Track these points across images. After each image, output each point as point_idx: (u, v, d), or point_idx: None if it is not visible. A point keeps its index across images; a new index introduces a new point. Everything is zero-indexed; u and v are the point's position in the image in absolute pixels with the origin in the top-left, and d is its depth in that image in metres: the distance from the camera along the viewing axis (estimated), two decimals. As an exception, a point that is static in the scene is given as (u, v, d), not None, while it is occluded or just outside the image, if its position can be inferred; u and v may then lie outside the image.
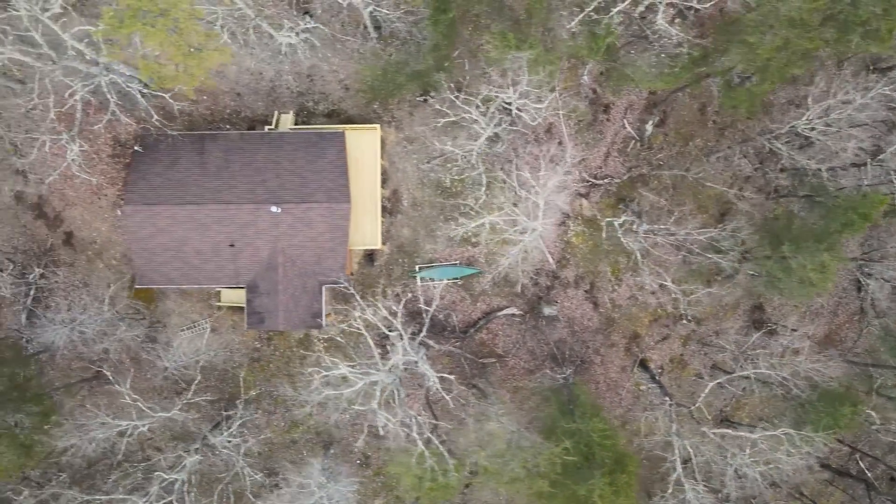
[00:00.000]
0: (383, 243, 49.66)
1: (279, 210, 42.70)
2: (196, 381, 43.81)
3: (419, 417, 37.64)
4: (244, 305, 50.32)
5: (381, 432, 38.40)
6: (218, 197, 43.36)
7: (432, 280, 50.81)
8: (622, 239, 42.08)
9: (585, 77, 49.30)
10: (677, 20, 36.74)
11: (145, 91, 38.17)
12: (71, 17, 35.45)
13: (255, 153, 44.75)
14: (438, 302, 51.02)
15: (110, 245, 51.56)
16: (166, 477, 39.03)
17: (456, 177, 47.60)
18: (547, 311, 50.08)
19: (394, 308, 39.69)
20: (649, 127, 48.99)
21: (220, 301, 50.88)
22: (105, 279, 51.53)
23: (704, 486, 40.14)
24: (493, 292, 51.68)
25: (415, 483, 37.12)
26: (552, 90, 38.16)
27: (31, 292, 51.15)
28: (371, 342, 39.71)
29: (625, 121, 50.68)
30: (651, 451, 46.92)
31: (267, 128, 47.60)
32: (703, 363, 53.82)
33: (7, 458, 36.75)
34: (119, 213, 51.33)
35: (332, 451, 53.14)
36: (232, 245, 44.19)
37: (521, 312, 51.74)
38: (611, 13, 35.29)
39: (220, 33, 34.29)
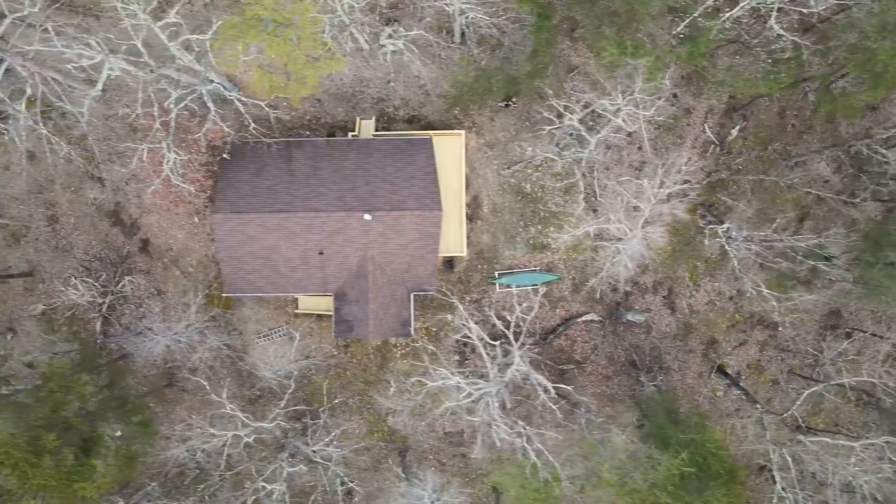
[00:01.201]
0: (464, 250, 49.37)
1: (371, 218, 42.38)
2: (290, 390, 43.42)
3: (528, 428, 37.29)
4: (322, 313, 50.45)
5: (498, 443, 38.02)
6: (307, 204, 43.06)
7: (510, 286, 50.51)
8: (727, 246, 41.64)
9: (667, 81, 48.91)
10: (783, 24, 36.29)
11: (245, 100, 37.85)
12: (180, 27, 35.09)
13: (344, 160, 44.45)
14: (515, 307, 50.96)
15: (186, 252, 51.37)
16: (268, 486, 38.72)
17: (551, 182, 47.25)
18: (633, 317, 49.72)
19: (507, 317, 39.33)
20: (735, 132, 48.64)
21: (297, 308, 50.68)
22: (181, 286, 51.44)
23: (806, 495, 39.79)
24: (572, 298, 51.36)
25: (520, 493, 36.83)
26: (658, 96, 37.76)
27: (107, 300, 50.96)
28: (484, 352, 39.33)
29: (705, 125, 50.31)
30: (738, 460, 46.56)
31: (350, 134, 47.34)
32: (780, 369, 53.44)
33: (113, 469, 36.51)
34: (196, 220, 51.29)
35: (407, 458, 52.92)
36: (321, 253, 43.91)
37: (600, 318, 51.41)
38: (722, 18, 34.90)
39: (334, 42, 33.96)
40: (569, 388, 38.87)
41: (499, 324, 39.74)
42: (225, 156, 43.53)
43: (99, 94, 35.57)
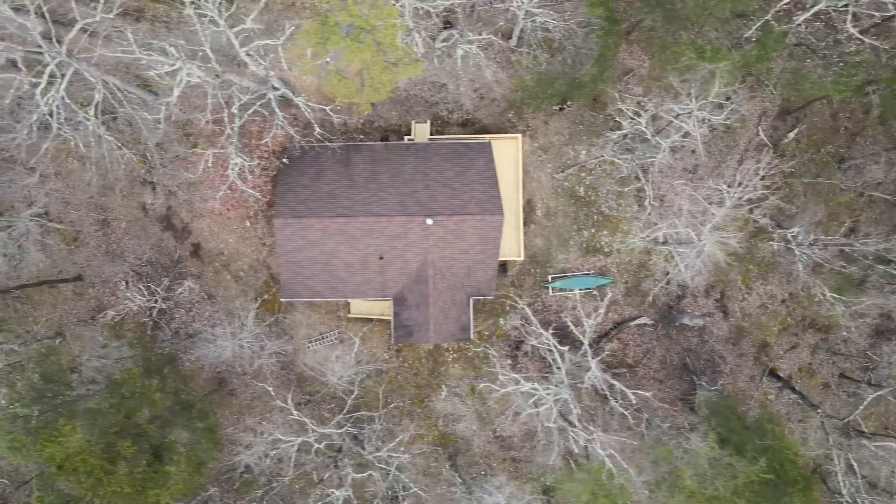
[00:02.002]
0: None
1: (433, 222, 42.23)
2: (354, 395, 43.27)
3: (601, 433, 37.11)
4: (374, 317, 50.33)
5: (577, 450, 37.81)
6: (368, 209, 42.93)
7: (564, 290, 50.37)
8: (796, 251, 41.41)
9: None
10: (857, 27, 36.09)
11: (313, 105, 37.72)
12: (253, 33, 34.97)
13: (402, 164, 44.32)
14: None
15: (237, 257, 51.30)
16: (336, 493, 38.58)
17: (606, 186, 47.09)
18: (692, 321, 49.52)
19: (585, 321, 39.18)
20: (792, 135, 48.41)
21: (349, 313, 50.56)
22: (232, 291, 51.37)
23: (874, 500, 39.58)
24: (625, 302, 51.19)
25: (590, 499, 36.67)
26: (728, 99, 37.53)
27: (158, 305, 50.87)
28: (560, 358, 39.09)
29: (759, 128, 50.10)
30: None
31: (407, 138, 47.21)
32: (831, 372, 53.21)
33: (184, 475, 36.39)
34: (248, 224, 51.20)
35: (458, 462, 52.79)
36: (381, 257, 43.77)
37: (652, 322, 51.22)
38: (796, 21, 34.73)
39: (411, 47, 33.83)
40: (647, 394, 38.65)
41: (575, 330, 39.54)
42: (284, 160, 43.38)
43: (175, 101, 35.32)
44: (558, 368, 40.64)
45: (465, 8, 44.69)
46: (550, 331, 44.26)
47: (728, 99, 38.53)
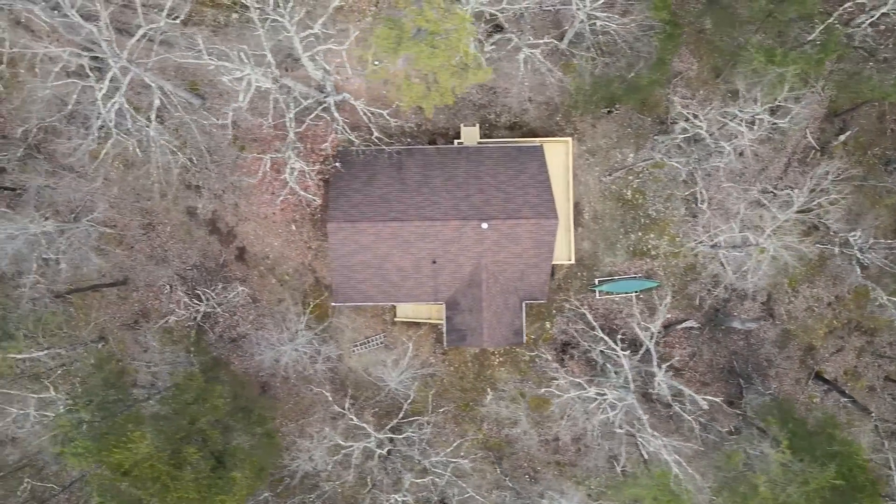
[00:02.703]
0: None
1: (488, 227, 42.12)
2: (409, 400, 43.14)
3: (666, 439, 36.97)
4: (420, 321, 50.21)
5: (646, 455, 37.65)
6: (422, 213, 42.81)
7: (610, 294, 50.24)
8: (858, 255, 41.25)
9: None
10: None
11: (373, 110, 37.63)
12: (318, 38, 34.88)
13: (455, 168, 44.21)
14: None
15: (283, 260, 51.20)
16: (396, 497, 38.45)
17: (652, 189, 46.99)
18: (744, 324, 49.33)
19: (651, 328, 39.03)
20: (842, 138, 48.23)
21: (395, 317, 50.46)
22: (277, 295, 51.28)
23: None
24: (671, 305, 50.99)
25: (653, 504, 36.59)
26: (798, 100, 37.40)
27: (203, 308, 50.80)
28: (627, 364, 38.94)
29: (807, 130, 49.92)
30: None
31: (457, 142, 47.11)
32: (877, 375, 53.05)
33: (246, 482, 36.27)
34: (293, 228, 51.10)
35: (504, 467, 52.68)
36: (434, 262, 43.66)
37: (699, 325, 51.06)
38: (861, 23, 34.57)
39: (481, 52, 33.72)
40: (717, 399, 38.47)
41: (642, 335, 39.48)
42: (336, 164, 43.28)
43: (243, 106, 35.23)
44: (616, 373, 40.48)
45: (514, 12, 44.51)
46: (602, 335, 44.11)
47: (798, 100, 38.33)
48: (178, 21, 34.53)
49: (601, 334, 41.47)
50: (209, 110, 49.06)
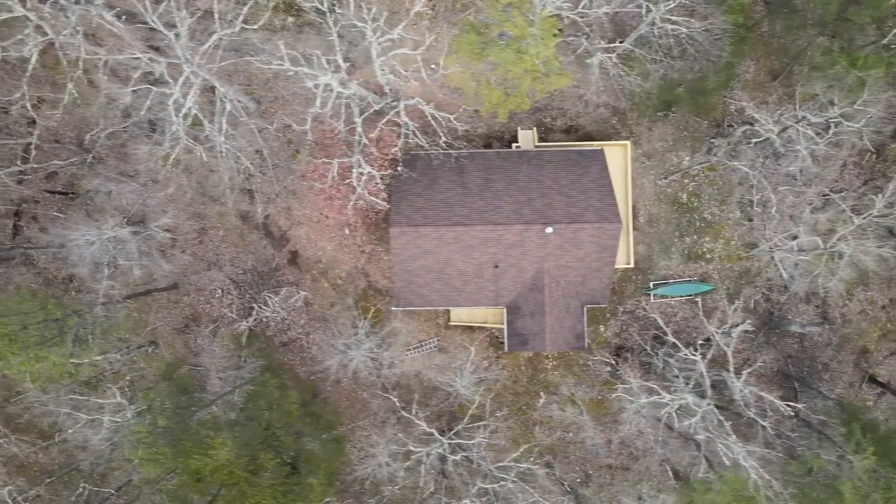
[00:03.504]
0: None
1: (552, 231, 41.97)
2: (475, 405, 42.98)
3: (744, 445, 36.81)
4: (475, 325, 50.08)
5: (727, 462, 37.40)
6: (485, 217, 42.67)
7: (665, 297, 50.08)
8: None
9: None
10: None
11: (442, 115, 37.53)
12: (393, 43, 34.75)
13: (517, 172, 44.07)
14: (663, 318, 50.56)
15: (335, 264, 51.11)
16: (466, 502, 38.32)
17: (708, 191, 46.85)
18: (807, 328, 49.13)
19: (731, 332, 38.85)
20: (903, 140, 48.04)
21: (449, 321, 50.33)
22: (329, 299, 51.19)
23: None
24: (727, 308, 50.79)
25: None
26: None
27: (255, 313, 50.72)
28: (703, 369, 38.73)
29: (862, 133, 49.66)
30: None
31: (514, 145, 46.98)
32: (930, 378, 52.87)
33: (321, 488, 36.18)
34: (346, 231, 51.01)
35: (555, 470, 52.56)
36: (496, 266, 43.53)
37: (753, 328, 50.84)
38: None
39: (562, 57, 33.58)
40: (799, 405, 38.32)
41: (721, 341, 39.41)
42: (399, 169, 43.17)
43: (320, 112, 35.12)
44: (680, 377, 40.30)
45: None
46: (675, 340, 43.82)
47: (870, 104, 38.15)
48: (256, 26, 34.37)
49: (673, 339, 41.29)
50: (263, 114, 49.04)
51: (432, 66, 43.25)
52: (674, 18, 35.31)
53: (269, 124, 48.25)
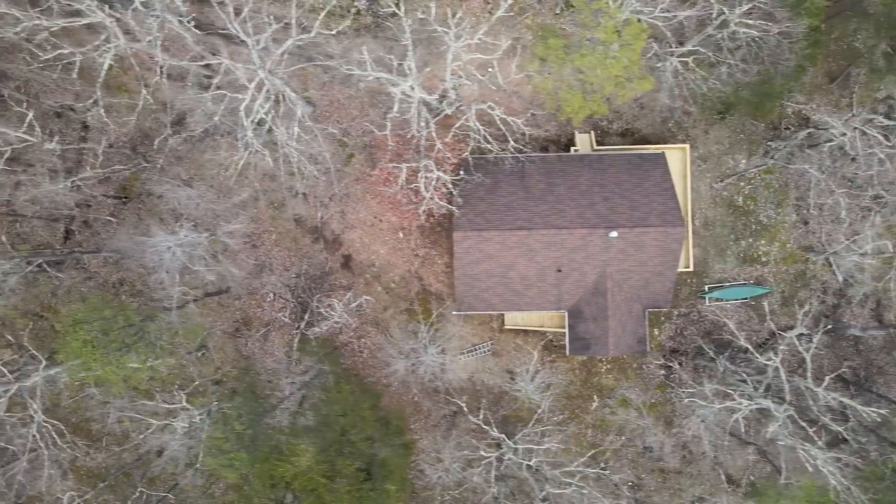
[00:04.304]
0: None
1: (617, 235, 41.86)
2: (541, 409, 42.88)
3: (821, 449, 36.69)
4: (529, 329, 49.98)
5: (809, 468, 37.20)
6: (548, 222, 42.59)
7: (720, 300, 49.95)
8: None
9: (883, 89, 48.27)
10: None
11: (512, 119, 37.46)
12: (467, 47, 34.65)
13: (578, 176, 43.98)
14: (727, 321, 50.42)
15: (389, 268, 51.05)
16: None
17: (763, 194, 46.71)
18: (866, 332, 48.95)
19: (812, 337, 38.71)
20: (962, 143, 47.77)
21: (503, 324, 50.25)
22: (382, 303, 51.10)
23: None
24: (781, 311, 50.69)
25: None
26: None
27: (307, 316, 50.67)
28: (783, 374, 38.65)
29: (918, 135, 49.50)
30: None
31: (573, 149, 46.87)
32: (984, 381, 52.63)
33: (396, 495, 36.09)
34: (400, 235, 50.93)
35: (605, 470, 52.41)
36: (559, 270, 43.43)
37: (808, 332, 50.65)
38: None
39: (645, 62, 33.49)
40: (883, 411, 38.18)
41: (800, 346, 39.20)
42: (462, 173, 43.06)
43: (398, 117, 35.07)
44: (748, 382, 40.15)
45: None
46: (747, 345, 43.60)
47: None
48: (334, 32, 34.31)
49: (746, 344, 41.15)
50: (318, 118, 48.99)
51: (489, 69, 43.20)
52: (749, 22, 35.20)
53: (325, 128, 48.14)
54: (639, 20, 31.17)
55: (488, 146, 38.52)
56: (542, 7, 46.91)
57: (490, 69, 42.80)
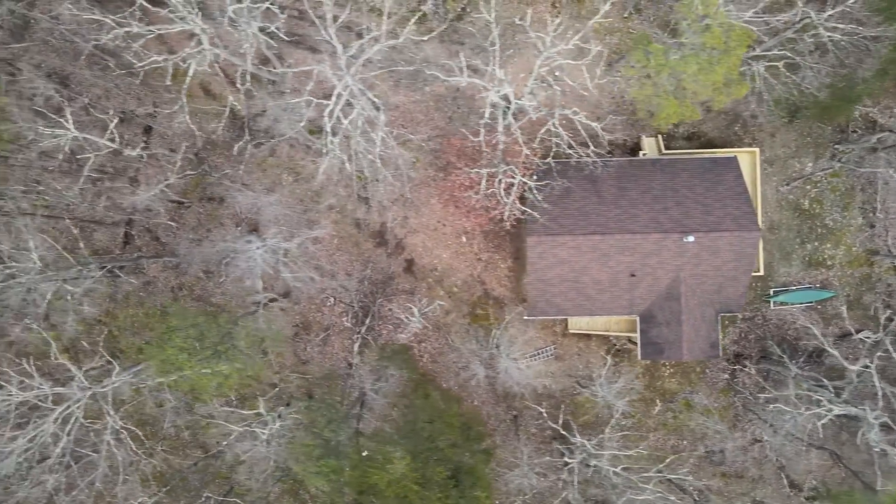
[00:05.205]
0: (746, 268, 48.54)
1: (693, 240, 41.71)
2: (619, 412, 42.77)
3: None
4: (594, 333, 49.84)
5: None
6: (622, 226, 42.46)
7: (785, 304, 49.77)
8: None
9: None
10: None
11: (592, 123, 37.37)
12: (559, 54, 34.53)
13: (651, 180, 43.83)
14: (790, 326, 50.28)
15: (451, 272, 50.96)
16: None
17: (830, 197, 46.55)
18: None
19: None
20: None
21: (567, 328, 50.12)
22: (445, 307, 51.00)
23: None
24: (847, 315, 50.43)
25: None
26: None
27: (368, 321, 50.63)
28: (877, 380, 38.47)
29: None
30: None
31: (642, 153, 46.74)
32: None
33: (487, 501, 36.02)
34: (463, 239, 50.85)
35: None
36: (633, 275, 43.31)
37: (875, 337, 50.43)
38: None
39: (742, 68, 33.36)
40: None
41: (889, 345, 38.76)
42: (534, 178, 42.91)
43: (489, 122, 34.99)
44: (827, 388, 39.99)
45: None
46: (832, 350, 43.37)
47: None
48: (425, 38, 34.28)
49: (832, 350, 40.97)
50: (386, 123, 48.87)
51: (556, 73, 43.11)
52: (838, 26, 35.06)
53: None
54: (740, 26, 31.04)
55: (570, 151, 38.31)
56: (610, 11, 46.77)
57: (556, 74, 42.73)
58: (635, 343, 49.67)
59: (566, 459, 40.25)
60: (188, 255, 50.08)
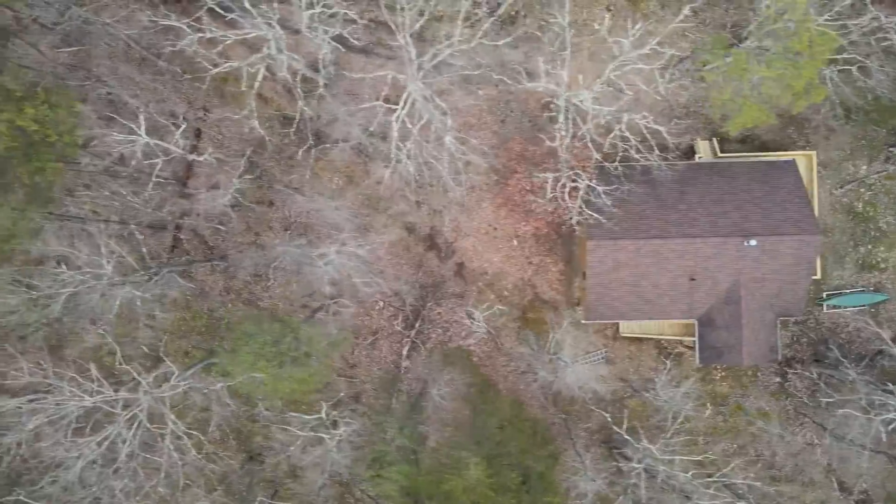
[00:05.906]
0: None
1: (755, 244, 41.61)
2: (679, 420, 42.71)
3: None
4: (646, 336, 49.77)
5: None
6: (682, 230, 42.40)
7: (838, 307, 49.63)
8: None
9: None
10: None
11: (657, 127, 37.32)
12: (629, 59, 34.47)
13: (709, 184, 43.77)
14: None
15: (502, 276, 50.89)
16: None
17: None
18: None
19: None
20: None
21: (619, 332, 50.03)
22: (496, 311, 50.91)
23: None
24: (898, 319, 50.37)
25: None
26: None
27: (418, 325, 50.61)
28: None
29: None
30: None
31: (697, 157, 46.64)
32: None
33: (556, 506, 36.02)
34: (515, 243, 50.79)
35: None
36: (692, 279, 43.21)
37: (926, 339, 50.30)
38: None
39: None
40: None
41: None
42: (594, 182, 42.81)
43: (559, 126, 34.94)
44: (893, 393, 39.84)
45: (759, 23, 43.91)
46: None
47: None
48: (500, 44, 34.27)
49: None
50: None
51: (612, 75, 43.02)
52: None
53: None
54: (826, 31, 30.98)
55: (637, 155, 38.27)
56: (664, 14, 46.71)
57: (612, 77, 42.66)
58: (688, 347, 49.71)
59: (624, 464, 40.13)
60: (238, 259, 50.08)
